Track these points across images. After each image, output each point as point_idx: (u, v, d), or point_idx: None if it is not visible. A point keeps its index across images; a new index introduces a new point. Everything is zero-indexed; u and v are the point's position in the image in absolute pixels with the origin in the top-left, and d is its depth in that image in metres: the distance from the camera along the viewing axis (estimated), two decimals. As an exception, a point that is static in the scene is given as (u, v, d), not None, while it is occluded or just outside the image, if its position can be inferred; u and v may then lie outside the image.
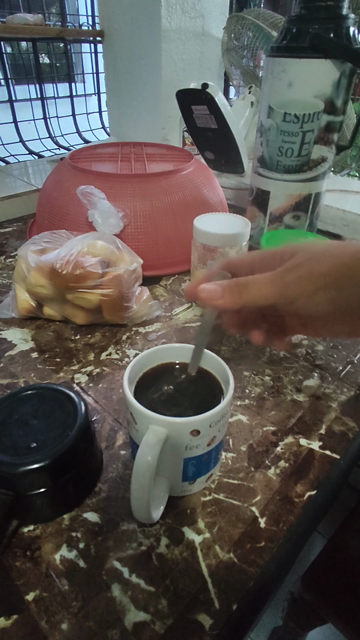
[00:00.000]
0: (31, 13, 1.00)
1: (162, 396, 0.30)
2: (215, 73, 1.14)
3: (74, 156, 0.70)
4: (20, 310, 0.50)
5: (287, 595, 0.68)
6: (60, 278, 0.46)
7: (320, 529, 0.95)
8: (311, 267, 0.23)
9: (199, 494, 0.32)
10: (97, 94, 1.28)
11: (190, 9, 0.98)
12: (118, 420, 0.39)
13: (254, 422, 0.39)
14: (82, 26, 1.17)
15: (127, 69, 1.10)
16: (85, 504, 0.31)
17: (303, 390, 0.43)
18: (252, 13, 0.89)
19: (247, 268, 0.27)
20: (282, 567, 0.30)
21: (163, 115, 1.06)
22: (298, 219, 0.62)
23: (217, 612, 0.26)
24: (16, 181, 0.93)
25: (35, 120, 1.17)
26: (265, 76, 0.56)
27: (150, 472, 0.25)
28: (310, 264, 0.23)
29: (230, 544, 0.29)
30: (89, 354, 0.46)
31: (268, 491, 0.33)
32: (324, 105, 0.52)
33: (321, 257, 0.23)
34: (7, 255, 0.68)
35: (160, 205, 0.59)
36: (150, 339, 0.49)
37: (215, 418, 0.27)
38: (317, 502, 0.33)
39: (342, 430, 0.38)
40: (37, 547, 0.29)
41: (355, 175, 1.11)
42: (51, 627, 0.25)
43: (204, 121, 0.81)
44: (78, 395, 0.32)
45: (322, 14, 0.50)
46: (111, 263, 0.49)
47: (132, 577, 0.27)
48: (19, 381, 0.42)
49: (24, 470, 0.27)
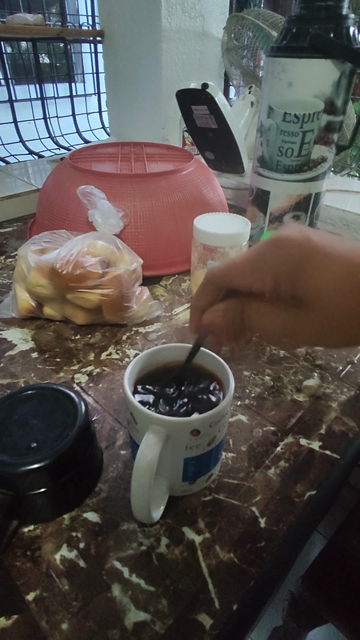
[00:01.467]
0: (31, 13, 1.00)
1: (162, 396, 0.30)
2: (215, 73, 1.14)
3: (74, 156, 0.70)
4: (20, 310, 0.50)
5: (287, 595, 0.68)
6: (60, 278, 0.46)
7: (320, 529, 0.95)
8: (324, 313, 0.20)
9: (199, 494, 0.32)
10: (97, 94, 1.28)
11: (190, 9, 0.98)
12: (118, 420, 0.39)
13: (254, 422, 0.39)
14: (82, 26, 1.17)
15: (127, 69, 1.10)
16: (85, 504, 0.31)
17: (303, 390, 0.43)
18: (252, 13, 0.89)
19: (247, 283, 0.23)
20: (282, 567, 0.30)
21: (163, 115, 1.06)
22: (298, 219, 0.62)
23: (217, 612, 0.26)
24: (16, 181, 0.93)
25: (35, 120, 1.17)
26: (265, 76, 0.56)
27: (151, 472, 0.25)
28: (323, 308, 0.20)
29: (231, 544, 0.29)
30: (89, 354, 0.46)
31: (268, 491, 0.33)
32: (324, 105, 0.52)
33: (332, 292, 0.20)
34: (7, 255, 0.68)
35: (160, 205, 0.59)
36: (150, 339, 0.49)
37: (215, 418, 0.27)
38: (317, 502, 0.33)
39: (342, 430, 0.38)
40: (37, 547, 0.29)
41: (355, 175, 1.11)
42: (51, 627, 0.25)
43: (204, 121, 0.81)
44: (78, 395, 0.32)
45: (322, 14, 0.50)
46: (111, 263, 0.49)
47: (132, 577, 0.27)
48: (19, 381, 0.42)
49: (24, 470, 0.27)
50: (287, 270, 0.21)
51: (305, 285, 0.20)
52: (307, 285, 0.20)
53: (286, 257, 0.21)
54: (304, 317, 0.21)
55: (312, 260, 0.20)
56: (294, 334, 0.22)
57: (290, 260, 0.20)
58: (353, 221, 0.75)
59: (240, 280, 0.23)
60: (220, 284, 0.24)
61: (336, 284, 0.20)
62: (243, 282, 0.23)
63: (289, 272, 0.21)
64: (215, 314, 0.24)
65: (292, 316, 0.21)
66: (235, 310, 0.24)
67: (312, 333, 0.21)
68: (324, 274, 0.20)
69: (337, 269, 0.20)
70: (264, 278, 0.22)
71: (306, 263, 0.20)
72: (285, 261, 0.21)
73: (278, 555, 0.29)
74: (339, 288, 0.19)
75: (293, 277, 0.20)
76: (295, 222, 0.62)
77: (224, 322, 0.24)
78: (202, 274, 0.52)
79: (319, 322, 0.21)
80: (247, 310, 0.23)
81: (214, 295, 0.25)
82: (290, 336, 0.22)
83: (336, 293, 0.20)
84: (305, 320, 0.21)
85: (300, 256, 0.20)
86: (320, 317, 0.20)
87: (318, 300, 0.20)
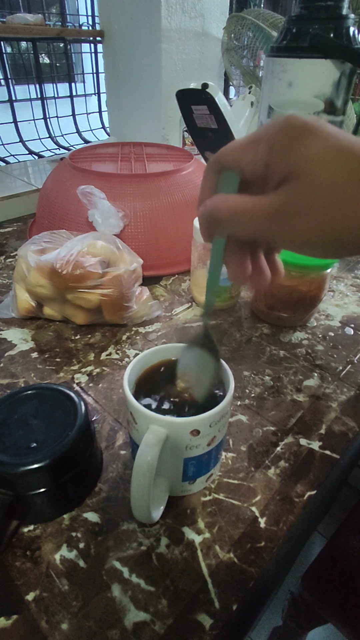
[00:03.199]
0: (31, 13, 1.00)
1: (162, 396, 0.30)
2: (215, 73, 1.14)
3: (74, 156, 0.70)
4: (20, 310, 0.50)
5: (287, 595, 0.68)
6: (60, 278, 0.46)
7: (320, 529, 0.95)
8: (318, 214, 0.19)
9: (199, 494, 0.32)
10: (97, 94, 1.28)
11: (190, 9, 0.98)
12: (118, 420, 0.39)
13: (254, 422, 0.39)
14: (82, 26, 1.17)
15: (127, 69, 1.10)
16: (85, 504, 0.31)
17: (303, 390, 0.43)
18: (252, 13, 0.89)
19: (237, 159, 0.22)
20: (282, 567, 0.30)
21: (163, 115, 1.06)
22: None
23: (217, 612, 0.26)
24: (16, 181, 0.93)
25: (35, 120, 1.17)
26: (265, 76, 0.56)
27: (151, 472, 0.25)
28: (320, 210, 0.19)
29: (230, 544, 0.29)
30: (89, 354, 0.46)
31: (268, 491, 0.33)
32: (324, 105, 0.52)
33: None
34: (7, 255, 0.68)
35: (160, 205, 0.59)
36: (150, 339, 0.49)
37: (215, 418, 0.27)
38: (317, 502, 0.33)
39: (342, 430, 0.38)
40: (37, 547, 0.29)
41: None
42: (51, 627, 0.25)
43: (204, 121, 0.81)
44: (78, 395, 0.32)
45: (322, 14, 0.50)
46: (111, 263, 0.49)
47: (132, 577, 0.27)
48: (19, 381, 0.42)
49: (24, 470, 0.27)
50: (282, 138, 0.20)
51: (298, 152, 0.19)
52: (299, 152, 0.19)
53: (285, 127, 0.20)
54: (290, 190, 0.19)
55: (311, 131, 0.19)
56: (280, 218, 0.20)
57: (288, 130, 0.20)
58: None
59: (234, 154, 0.22)
60: (218, 163, 0.23)
61: (329, 154, 0.18)
62: (236, 155, 0.22)
63: (284, 139, 0.20)
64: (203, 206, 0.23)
65: (279, 194, 0.20)
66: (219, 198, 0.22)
67: (298, 212, 0.19)
68: (318, 143, 0.19)
69: (334, 142, 0.19)
70: (258, 146, 0.20)
71: (303, 133, 0.19)
72: (283, 129, 0.20)
73: (278, 555, 0.29)
74: (331, 159, 0.18)
75: (287, 145, 0.19)
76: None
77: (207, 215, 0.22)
78: (202, 274, 0.52)
79: (306, 195, 0.19)
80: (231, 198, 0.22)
81: (216, 178, 0.23)
82: (276, 222, 0.20)
83: (327, 163, 0.18)
84: (292, 193, 0.19)
85: (300, 128, 0.19)
86: (307, 188, 0.19)
87: (307, 168, 0.19)
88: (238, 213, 0.21)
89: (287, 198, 0.19)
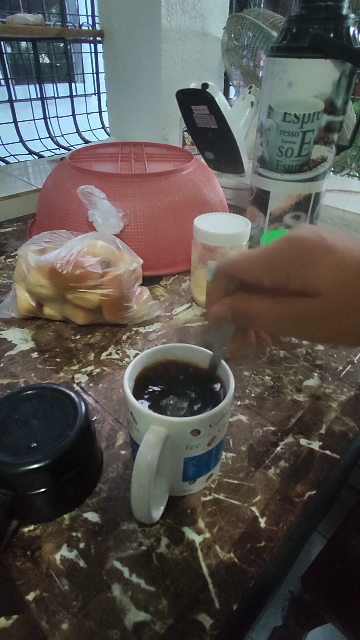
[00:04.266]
0: (31, 13, 1.00)
1: (162, 396, 0.30)
2: (215, 73, 1.14)
3: (74, 156, 0.70)
4: (20, 310, 0.50)
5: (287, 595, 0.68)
6: (60, 278, 0.46)
7: (320, 529, 0.95)
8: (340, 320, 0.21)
9: (199, 494, 0.32)
10: (97, 94, 1.28)
11: (190, 9, 0.98)
12: (118, 420, 0.39)
13: (254, 422, 0.39)
14: (82, 26, 1.17)
15: (127, 69, 1.10)
16: (85, 504, 0.31)
17: (303, 390, 0.43)
18: (252, 13, 0.89)
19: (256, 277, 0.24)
20: (282, 567, 0.30)
21: (163, 115, 1.06)
22: (298, 219, 0.62)
23: (217, 612, 0.26)
24: (16, 181, 0.93)
25: (35, 120, 1.17)
26: (265, 76, 0.56)
27: (151, 472, 0.25)
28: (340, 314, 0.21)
29: (231, 544, 0.29)
30: (89, 354, 0.46)
31: (268, 491, 0.33)
32: (324, 105, 0.52)
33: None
34: (7, 255, 0.68)
35: (160, 205, 0.59)
36: (150, 339, 0.49)
37: (215, 418, 0.27)
38: (317, 502, 0.33)
39: (342, 430, 0.38)
40: (37, 547, 0.29)
41: (355, 175, 1.11)
42: (51, 627, 0.25)
43: (204, 121, 0.81)
44: (78, 395, 0.32)
45: (322, 14, 0.50)
46: (111, 263, 0.49)
47: (132, 577, 0.27)
48: (19, 381, 0.42)
49: (24, 470, 0.27)
50: (298, 266, 0.21)
51: (314, 274, 0.21)
52: (315, 275, 0.21)
53: (299, 254, 0.21)
54: (309, 302, 0.22)
55: (323, 254, 0.21)
56: (298, 323, 0.22)
57: (302, 257, 0.21)
58: (353, 221, 0.75)
59: (252, 272, 0.23)
60: (231, 274, 0.25)
61: (342, 272, 0.20)
62: (254, 274, 0.23)
63: (300, 267, 0.21)
64: (222, 306, 0.25)
65: (299, 304, 0.22)
66: (242, 302, 0.24)
67: (316, 319, 0.22)
68: (330, 263, 0.21)
69: (346, 259, 0.21)
70: (275, 272, 0.22)
71: (317, 258, 0.21)
72: (298, 258, 0.21)
73: (278, 555, 0.29)
74: (343, 276, 0.20)
75: (303, 271, 0.21)
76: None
77: (230, 314, 0.25)
78: (202, 274, 0.52)
79: (322, 307, 0.21)
80: (255, 302, 0.24)
81: (227, 285, 0.25)
82: (294, 327, 0.23)
83: (341, 280, 0.20)
84: (310, 305, 0.21)
85: (313, 253, 0.21)
86: (324, 301, 0.21)
87: (323, 287, 0.21)
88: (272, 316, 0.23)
89: (313, 308, 0.22)
